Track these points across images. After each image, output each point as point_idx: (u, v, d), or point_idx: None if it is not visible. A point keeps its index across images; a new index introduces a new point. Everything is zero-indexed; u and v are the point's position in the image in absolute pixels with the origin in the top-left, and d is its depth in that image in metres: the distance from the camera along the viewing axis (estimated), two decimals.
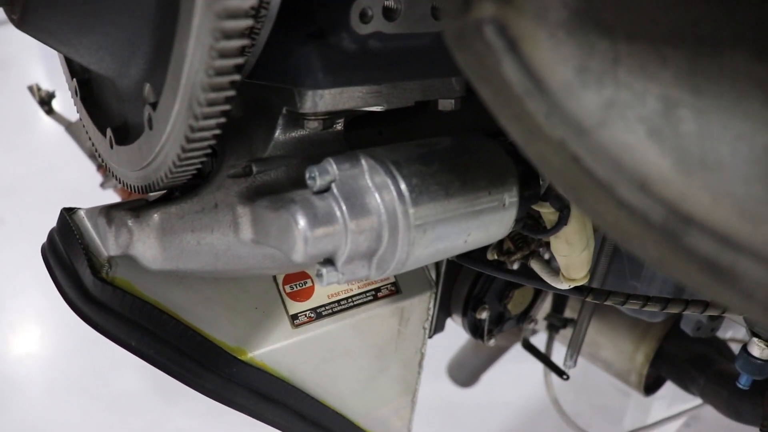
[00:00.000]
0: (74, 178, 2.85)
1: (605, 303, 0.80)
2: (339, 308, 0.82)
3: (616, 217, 0.36)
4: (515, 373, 2.29)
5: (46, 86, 1.60)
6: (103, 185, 1.45)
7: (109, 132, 0.66)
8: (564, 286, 0.76)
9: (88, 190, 1.80)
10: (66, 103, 1.28)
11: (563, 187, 0.38)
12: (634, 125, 0.36)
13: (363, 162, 0.54)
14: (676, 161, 0.35)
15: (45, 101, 1.48)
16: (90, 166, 1.65)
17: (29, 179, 3.47)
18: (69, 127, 1.50)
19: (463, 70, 0.39)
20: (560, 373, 1.25)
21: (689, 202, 0.34)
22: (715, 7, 0.38)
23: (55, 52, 0.80)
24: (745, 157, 0.35)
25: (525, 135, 0.37)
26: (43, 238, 0.75)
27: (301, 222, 0.51)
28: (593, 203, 0.37)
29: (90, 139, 0.75)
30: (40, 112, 1.60)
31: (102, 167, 1.46)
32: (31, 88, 1.48)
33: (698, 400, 1.43)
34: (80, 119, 0.78)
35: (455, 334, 1.41)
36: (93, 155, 1.47)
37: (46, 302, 2.69)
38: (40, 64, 4.73)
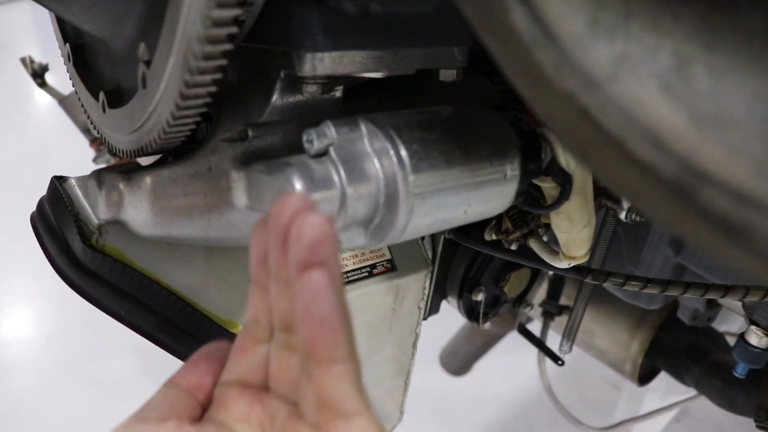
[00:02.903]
0: (67, 161, 2.83)
1: (604, 284, 0.79)
2: None
3: (625, 174, 0.35)
4: (508, 364, 2.29)
5: (43, 62, 1.57)
6: (95, 160, 1.43)
7: (101, 96, 0.64)
8: (564, 264, 0.75)
9: (82, 171, 1.78)
10: (59, 78, 1.26)
11: (571, 143, 0.36)
12: (646, 80, 0.35)
13: (362, 126, 0.53)
14: (690, 117, 0.34)
15: (38, 74, 1.46)
16: (83, 148, 1.64)
17: (22, 161, 3.45)
18: (62, 100, 1.48)
19: (470, 20, 0.37)
20: (555, 359, 1.24)
21: (703, 158, 0.33)
22: None
23: (48, 34, 0.78)
24: (762, 114, 0.34)
25: (533, 88, 0.36)
26: None
27: (298, 185, 0.49)
28: (602, 159, 0.35)
29: (83, 106, 0.74)
30: (34, 94, 1.59)
31: (95, 141, 1.44)
32: (23, 60, 1.46)
33: (690, 393, 1.43)
34: (73, 91, 0.76)
35: (448, 323, 1.41)
36: (86, 129, 1.45)
37: (37, 285, 2.67)
38: (35, 46, 4.70)
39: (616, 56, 0.35)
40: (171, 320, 0.69)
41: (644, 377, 1.42)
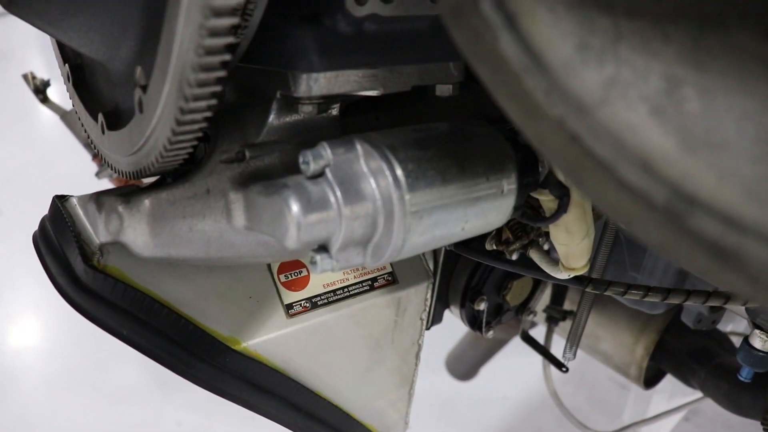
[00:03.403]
0: (72, 170, 2.84)
1: (605, 293, 0.79)
2: (335, 298, 0.81)
3: (617, 199, 0.35)
4: (514, 367, 2.29)
5: (44, 78, 1.59)
6: (98, 175, 1.44)
7: (100, 117, 0.65)
8: (564, 275, 0.75)
9: (86, 181, 1.79)
10: (62, 93, 1.27)
11: (563, 168, 0.37)
12: (636, 104, 0.35)
13: (358, 146, 0.53)
14: (680, 140, 0.34)
15: (40, 90, 1.47)
16: (87, 160, 1.64)
17: (27, 171, 3.46)
18: (64, 116, 1.49)
19: (460, 47, 0.37)
20: (559, 366, 1.24)
21: (693, 182, 0.33)
22: None
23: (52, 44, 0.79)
24: (752, 136, 0.34)
25: (523, 114, 0.36)
26: None
27: (294, 207, 0.49)
28: (594, 184, 0.35)
29: (83, 125, 0.74)
30: (38, 104, 1.60)
31: (97, 156, 1.45)
32: (26, 77, 1.47)
33: (697, 394, 1.42)
34: (74, 107, 0.77)
35: (453, 327, 1.40)
36: (88, 144, 1.46)
37: (44, 294, 2.67)
38: (39, 56, 4.72)
39: (606, 80, 0.35)
40: (173, 339, 0.69)
41: (650, 380, 1.42)
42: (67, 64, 0.74)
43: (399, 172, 0.52)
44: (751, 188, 0.32)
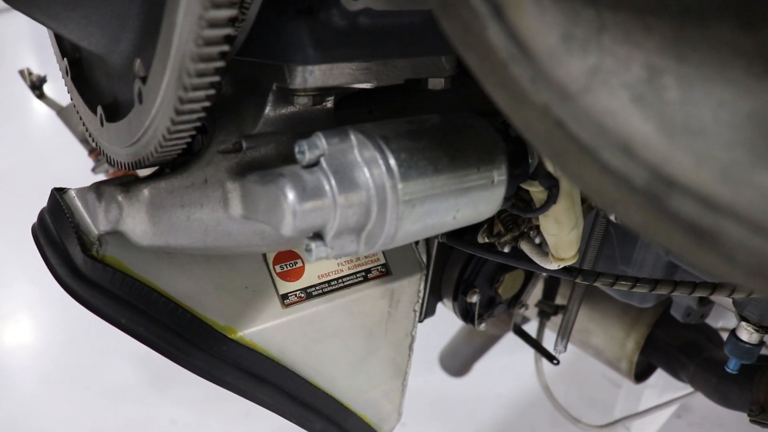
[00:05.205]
0: (66, 169, 2.84)
1: (594, 284, 0.81)
2: (329, 289, 0.82)
3: (600, 182, 0.36)
4: (507, 364, 2.30)
5: (41, 74, 1.59)
6: (94, 170, 1.45)
7: (99, 109, 0.66)
8: (553, 266, 0.76)
9: (80, 180, 1.79)
10: (58, 90, 1.28)
11: (548, 153, 0.38)
12: (618, 91, 0.36)
13: (352, 136, 0.55)
14: (659, 126, 0.35)
15: (36, 85, 1.48)
16: (82, 157, 1.65)
17: (20, 169, 3.46)
18: (60, 111, 1.50)
19: (450, 37, 0.39)
20: (550, 358, 1.26)
21: (672, 166, 0.34)
22: None
23: (46, 42, 0.80)
24: (728, 122, 0.35)
25: (510, 101, 0.38)
26: None
27: (290, 195, 0.51)
28: (578, 169, 0.37)
29: (81, 119, 0.76)
30: (32, 102, 1.61)
31: (94, 151, 1.46)
32: (22, 72, 1.48)
33: (688, 389, 1.44)
34: (71, 102, 0.78)
35: (447, 324, 1.41)
36: (85, 140, 1.47)
37: (38, 293, 2.68)
38: (32, 53, 4.72)
39: (590, 69, 0.36)
40: (170, 327, 0.71)
41: (640, 374, 1.43)
42: (65, 59, 0.75)
43: (392, 161, 0.54)
44: (726, 171, 0.34)
